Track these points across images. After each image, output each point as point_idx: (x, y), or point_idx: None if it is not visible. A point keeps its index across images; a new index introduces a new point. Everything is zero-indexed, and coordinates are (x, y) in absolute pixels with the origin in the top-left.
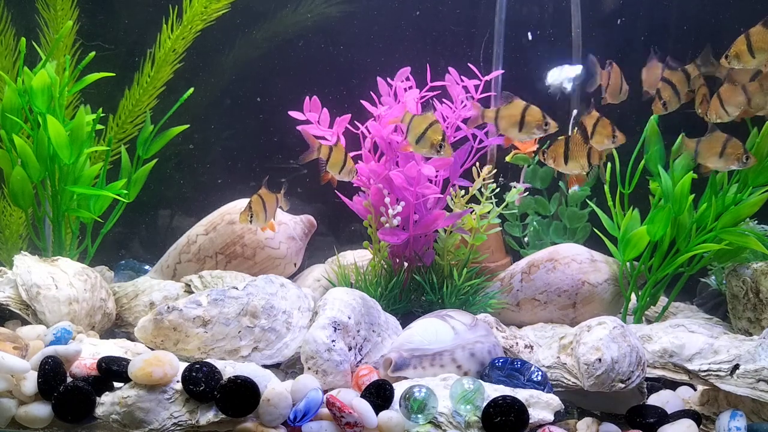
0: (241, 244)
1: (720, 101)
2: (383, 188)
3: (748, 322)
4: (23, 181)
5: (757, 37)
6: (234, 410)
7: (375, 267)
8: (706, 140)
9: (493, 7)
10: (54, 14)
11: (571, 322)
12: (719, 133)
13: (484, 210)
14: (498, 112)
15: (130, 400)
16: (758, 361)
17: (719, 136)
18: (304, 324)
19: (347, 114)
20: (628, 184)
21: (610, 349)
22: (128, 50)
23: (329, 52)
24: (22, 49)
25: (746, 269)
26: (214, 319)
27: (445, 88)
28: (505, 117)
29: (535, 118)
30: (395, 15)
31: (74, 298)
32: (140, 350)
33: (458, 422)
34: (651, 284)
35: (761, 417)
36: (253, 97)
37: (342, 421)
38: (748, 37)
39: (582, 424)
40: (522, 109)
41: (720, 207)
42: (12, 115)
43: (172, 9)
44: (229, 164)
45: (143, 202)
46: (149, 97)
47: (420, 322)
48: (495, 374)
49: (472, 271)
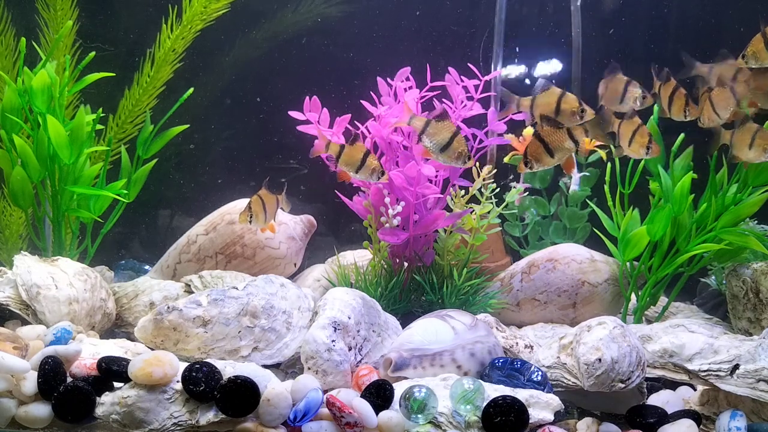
0: (241, 244)
1: (712, 105)
2: (383, 188)
3: (748, 322)
4: (23, 181)
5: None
6: (234, 410)
7: (375, 267)
8: (740, 131)
9: (493, 7)
10: (54, 14)
11: (571, 322)
12: (752, 124)
13: (484, 210)
14: (534, 100)
15: (130, 400)
16: (758, 361)
17: (751, 127)
18: (304, 324)
19: (347, 114)
20: (628, 184)
21: (610, 349)
22: (128, 50)
23: (329, 52)
24: (22, 49)
25: (746, 269)
26: (214, 319)
27: (444, 88)
28: (541, 105)
29: (572, 105)
30: (395, 15)
31: (74, 298)
32: (140, 350)
33: (458, 422)
34: (651, 284)
35: (761, 417)
36: (253, 97)
37: (342, 421)
38: (766, 35)
39: (582, 424)
40: (558, 97)
41: (720, 207)
42: (12, 115)
43: (171, 9)
44: (229, 164)
45: (143, 202)
46: (149, 97)
47: (420, 322)
48: (495, 374)
49: (472, 271)
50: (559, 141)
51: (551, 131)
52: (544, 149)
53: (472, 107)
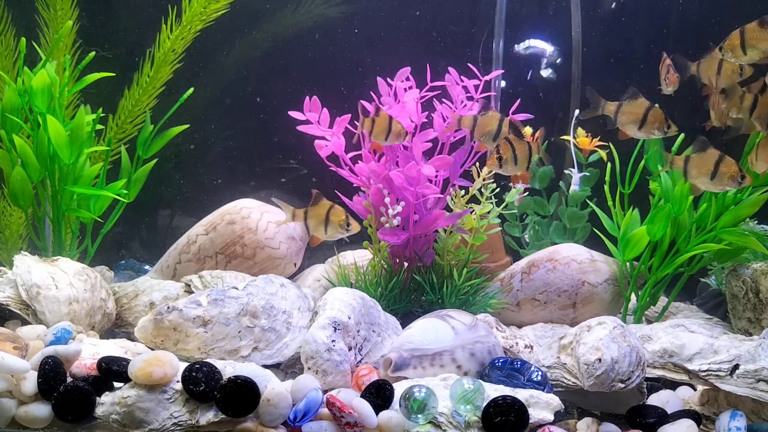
0: (241, 244)
1: None
2: (383, 188)
3: (748, 322)
4: (23, 181)
5: (751, 35)
6: (234, 410)
7: (375, 267)
8: (697, 157)
9: (493, 7)
10: (54, 14)
11: (571, 322)
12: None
13: (484, 210)
14: (619, 107)
15: (130, 400)
16: (758, 361)
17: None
18: (304, 324)
19: (347, 114)
20: (628, 184)
21: (610, 349)
22: (128, 50)
23: (329, 52)
24: (22, 49)
25: (746, 269)
26: (214, 319)
27: (444, 88)
28: (626, 113)
29: (657, 118)
30: (395, 15)
31: (74, 298)
32: (140, 350)
33: (458, 422)
34: (651, 284)
35: (761, 417)
36: (253, 97)
37: (342, 421)
38: (743, 33)
39: (582, 424)
40: (645, 109)
41: (720, 207)
42: (12, 115)
43: (171, 9)
44: (229, 164)
45: (143, 202)
46: (149, 97)
47: (420, 322)
48: (495, 374)
49: (472, 271)
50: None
51: (515, 140)
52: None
53: (472, 107)
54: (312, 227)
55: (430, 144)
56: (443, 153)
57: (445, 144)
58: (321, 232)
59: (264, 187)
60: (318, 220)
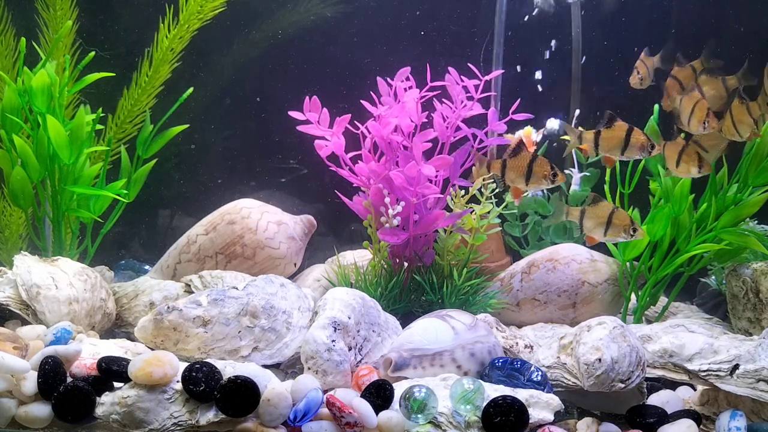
0: (241, 244)
1: (732, 120)
2: (383, 188)
3: (748, 322)
4: (23, 181)
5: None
6: (234, 410)
7: (375, 267)
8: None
9: (493, 7)
10: (54, 14)
11: (571, 322)
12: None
13: (484, 210)
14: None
15: (130, 400)
16: (758, 361)
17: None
18: (304, 324)
19: (347, 114)
20: (628, 184)
21: (610, 349)
22: (128, 50)
23: (329, 51)
24: (22, 49)
25: (746, 269)
26: (214, 319)
27: (444, 88)
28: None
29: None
30: (395, 15)
31: (74, 298)
32: (140, 350)
33: (458, 422)
34: (651, 284)
35: (761, 417)
36: (253, 97)
37: (342, 421)
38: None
39: (582, 424)
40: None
41: (720, 207)
42: (12, 115)
43: (169, 9)
44: (229, 164)
45: (143, 202)
46: (148, 97)
47: (420, 322)
48: (495, 374)
49: (472, 271)
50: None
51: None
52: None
53: (472, 107)
54: None
55: (430, 144)
56: (443, 153)
57: (445, 144)
58: None
59: (264, 187)
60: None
